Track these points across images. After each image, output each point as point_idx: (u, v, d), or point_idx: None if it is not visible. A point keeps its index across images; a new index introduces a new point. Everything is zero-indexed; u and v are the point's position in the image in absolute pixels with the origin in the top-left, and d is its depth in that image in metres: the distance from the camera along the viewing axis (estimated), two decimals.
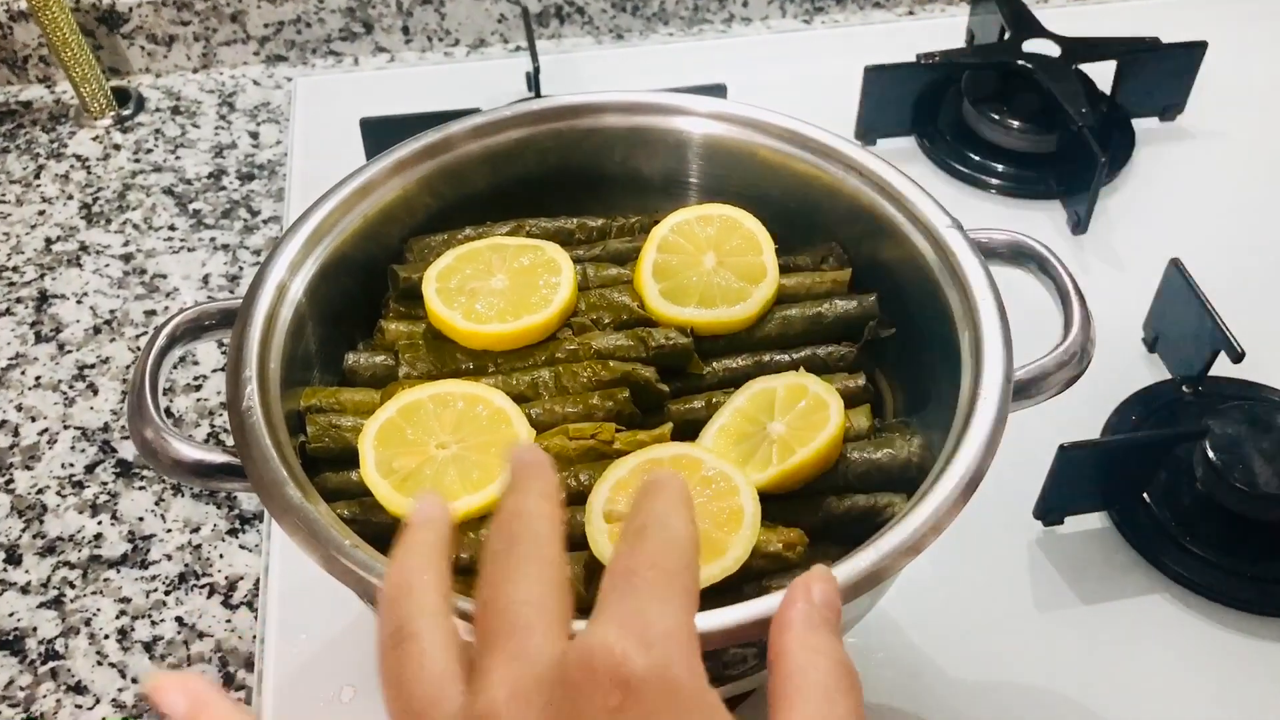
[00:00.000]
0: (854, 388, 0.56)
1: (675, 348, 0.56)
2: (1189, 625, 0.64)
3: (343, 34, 1.03)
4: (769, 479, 0.51)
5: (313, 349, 0.56)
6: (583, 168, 0.63)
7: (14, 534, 0.69)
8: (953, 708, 0.61)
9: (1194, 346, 0.72)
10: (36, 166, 0.93)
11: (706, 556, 0.46)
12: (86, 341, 0.80)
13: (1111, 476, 0.67)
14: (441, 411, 0.52)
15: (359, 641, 0.63)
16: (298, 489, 0.46)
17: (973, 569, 0.66)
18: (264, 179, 0.92)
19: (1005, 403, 0.48)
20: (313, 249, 0.55)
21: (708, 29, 1.07)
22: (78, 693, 0.62)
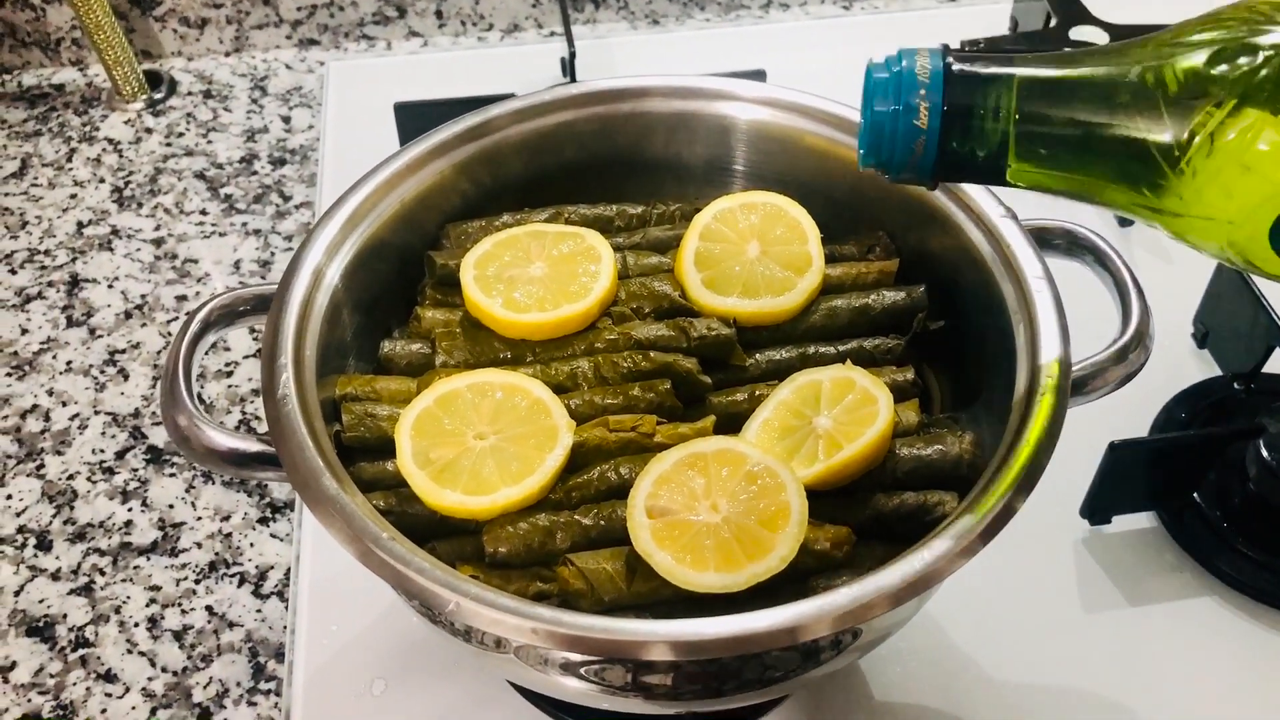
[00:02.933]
0: (902, 382, 0.54)
1: (718, 338, 0.55)
2: (1240, 629, 0.62)
3: (376, 18, 1.02)
4: (815, 475, 0.49)
5: (348, 336, 0.55)
6: (624, 153, 0.61)
7: (45, 520, 0.69)
8: (995, 710, 0.59)
9: (1247, 342, 0.70)
10: (68, 150, 0.93)
11: (752, 555, 0.45)
12: (117, 326, 0.79)
13: (1161, 475, 0.65)
14: (480, 401, 0.51)
15: (391, 633, 0.62)
16: (334, 479, 0.45)
17: (1017, 569, 0.64)
18: (296, 164, 0.91)
19: (1064, 400, 0.46)
20: (350, 233, 0.54)
21: (745, 15, 1.05)
22: (107, 681, 0.61)
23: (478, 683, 0.60)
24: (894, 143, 0.39)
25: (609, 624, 0.41)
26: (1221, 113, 0.35)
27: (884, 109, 0.39)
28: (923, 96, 0.38)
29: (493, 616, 0.41)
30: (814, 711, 0.59)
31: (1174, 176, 0.36)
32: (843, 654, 0.48)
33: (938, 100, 0.38)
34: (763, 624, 0.40)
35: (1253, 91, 0.35)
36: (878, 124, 0.39)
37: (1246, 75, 0.35)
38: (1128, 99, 0.37)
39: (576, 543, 0.49)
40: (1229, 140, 0.35)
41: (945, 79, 0.38)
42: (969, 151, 0.39)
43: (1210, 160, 0.36)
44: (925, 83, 0.38)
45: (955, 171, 0.40)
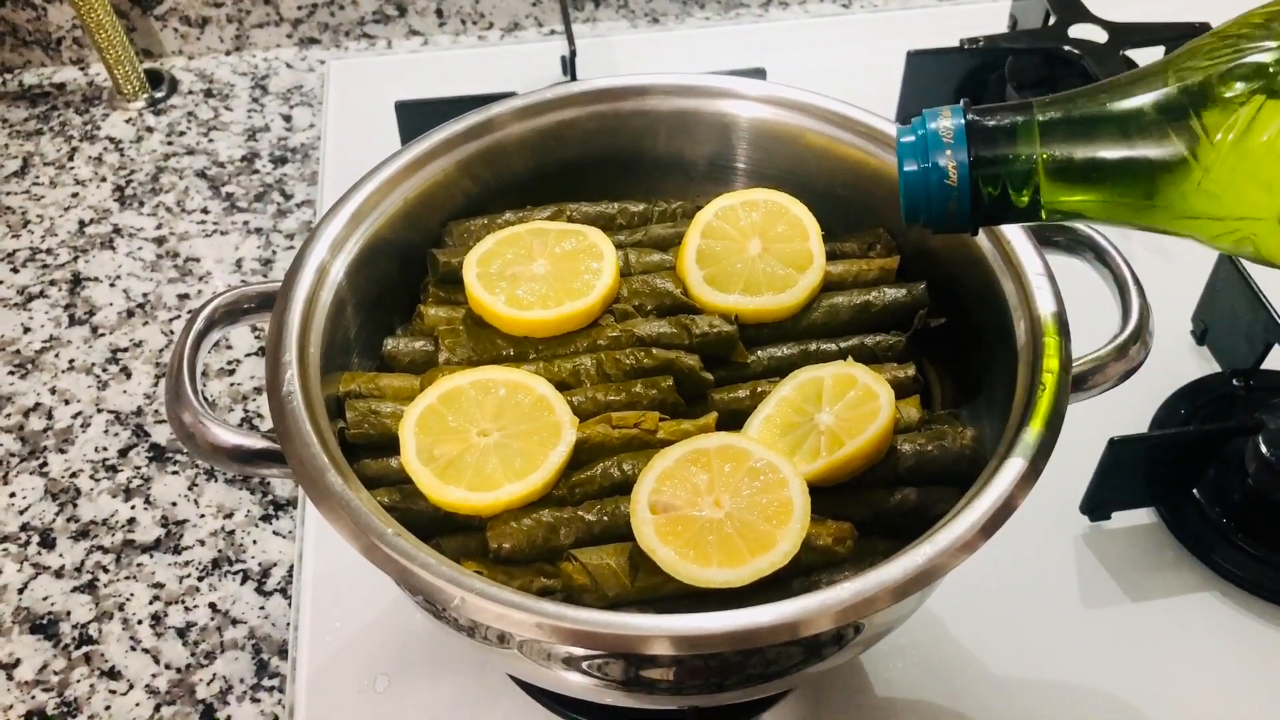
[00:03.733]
0: (904, 378, 0.55)
1: (719, 335, 0.55)
2: (1240, 624, 0.62)
3: (376, 17, 1.02)
4: (817, 471, 0.50)
5: (351, 333, 0.55)
6: (626, 151, 0.62)
7: (48, 517, 0.69)
8: (995, 706, 0.59)
9: (1246, 339, 0.70)
10: (70, 149, 0.93)
11: (755, 550, 0.45)
12: (120, 325, 0.79)
13: (1161, 471, 0.65)
14: (483, 398, 0.51)
15: (394, 630, 0.62)
16: (339, 476, 0.45)
17: (1017, 564, 0.64)
18: (297, 162, 0.91)
19: (1065, 395, 0.46)
20: (353, 230, 0.54)
21: (745, 13, 1.06)
22: (111, 678, 0.62)
23: (480, 678, 0.60)
24: (930, 202, 0.41)
25: (613, 619, 0.41)
26: (1253, 108, 0.36)
27: (914, 170, 0.41)
28: (949, 156, 0.40)
29: (498, 611, 0.41)
30: (816, 707, 0.59)
31: (1213, 181, 0.37)
32: (845, 649, 0.48)
33: (964, 158, 0.40)
34: (765, 619, 0.41)
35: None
36: (911, 186, 0.41)
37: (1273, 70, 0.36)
38: (1153, 118, 0.38)
39: (580, 538, 0.49)
40: (1265, 136, 0.36)
41: (968, 135, 0.40)
42: (1002, 199, 0.40)
43: (1248, 157, 0.36)
44: (949, 143, 0.40)
45: (993, 218, 0.42)
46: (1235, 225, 0.38)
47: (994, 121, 0.40)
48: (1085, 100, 0.40)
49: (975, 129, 0.40)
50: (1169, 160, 0.38)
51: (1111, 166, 0.39)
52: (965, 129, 0.40)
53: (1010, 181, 0.40)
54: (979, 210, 0.41)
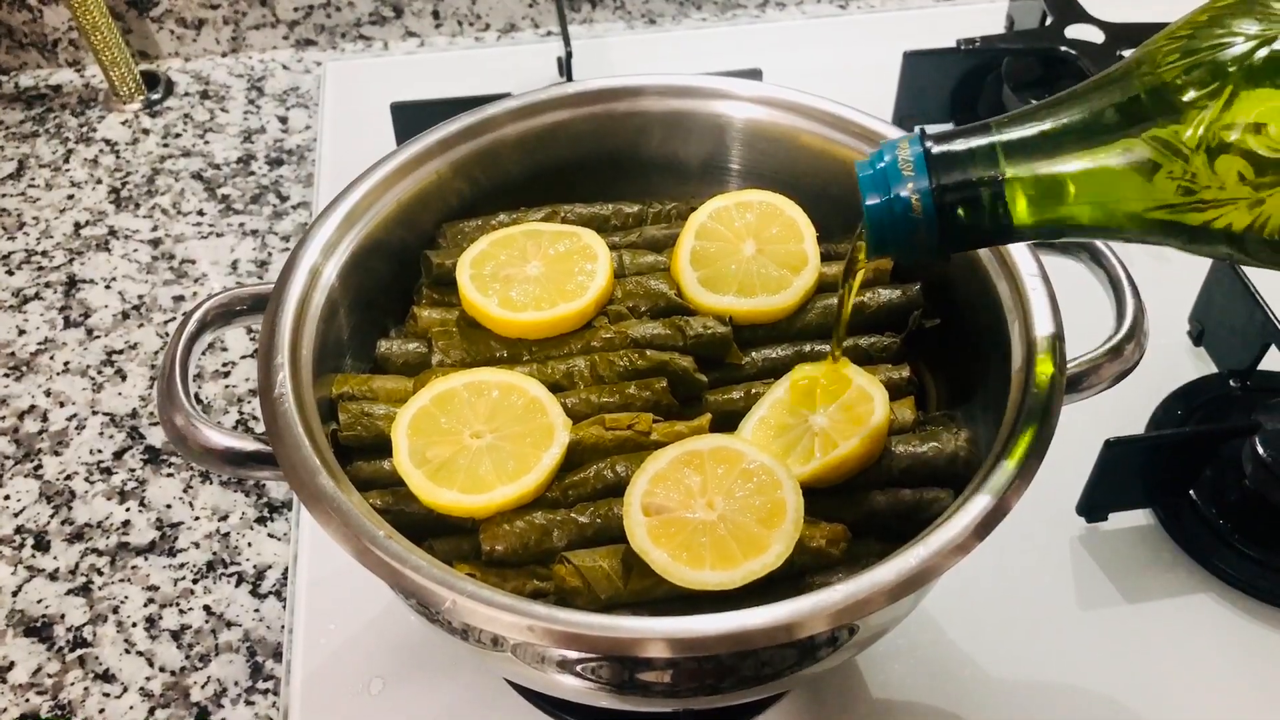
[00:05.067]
0: (898, 379, 0.54)
1: (714, 337, 0.55)
2: (1236, 626, 0.62)
3: (372, 18, 1.02)
4: (811, 472, 0.49)
5: (344, 335, 0.55)
6: (620, 152, 0.62)
7: (42, 520, 0.69)
8: (992, 707, 0.59)
9: (1243, 340, 0.70)
10: (65, 150, 0.93)
11: (748, 552, 0.45)
12: (115, 327, 0.79)
13: (1158, 473, 0.65)
14: (476, 400, 0.51)
15: (388, 633, 0.62)
16: (330, 478, 0.45)
17: (1014, 566, 0.64)
18: (293, 164, 0.91)
19: (1059, 397, 0.46)
20: (346, 232, 0.54)
21: (741, 14, 1.05)
22: (105, 681, 0.61)
23: (475, 681, 0.60)
24: (897, 234, 0.40)
25: (606, 621, 0.41)
26: (1217, 106, 0.35)
27: (877, 203, 0.39)
28: (911, 187, 0.39)
29: (489, 614, 0.41)
30: (811, 709, 0.59)
31: (1185, 181, 0.36)
32: (839, 651, 0.48)
33: (925, 186, 0.39)
34: (760, 621, 0.41)
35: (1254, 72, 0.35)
36: (876, 220, 0.40)
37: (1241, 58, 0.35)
38: (1116, 125, 0.37)
39: (573, 541, 0.49)
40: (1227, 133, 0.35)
41: (928, 164, 0.39)
42: (970, 224, 0.39)
43: (1214, 154, 0.36)
44: (910, 174, 0.39)
45: (964, 242, 0.41)
46: (1212, 220, 0.37)
47: (953, 146, 0.39)
48: (1045, 114, 0.39)
49: (934, 156, 0.39)
50: (1137, 166, 0.37)
51: (1078, 179, 0.38)
52: (924, 157, 0.39)
53: (977, 206, 0.39)
54: (948, 238, 0.40)
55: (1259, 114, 0.35)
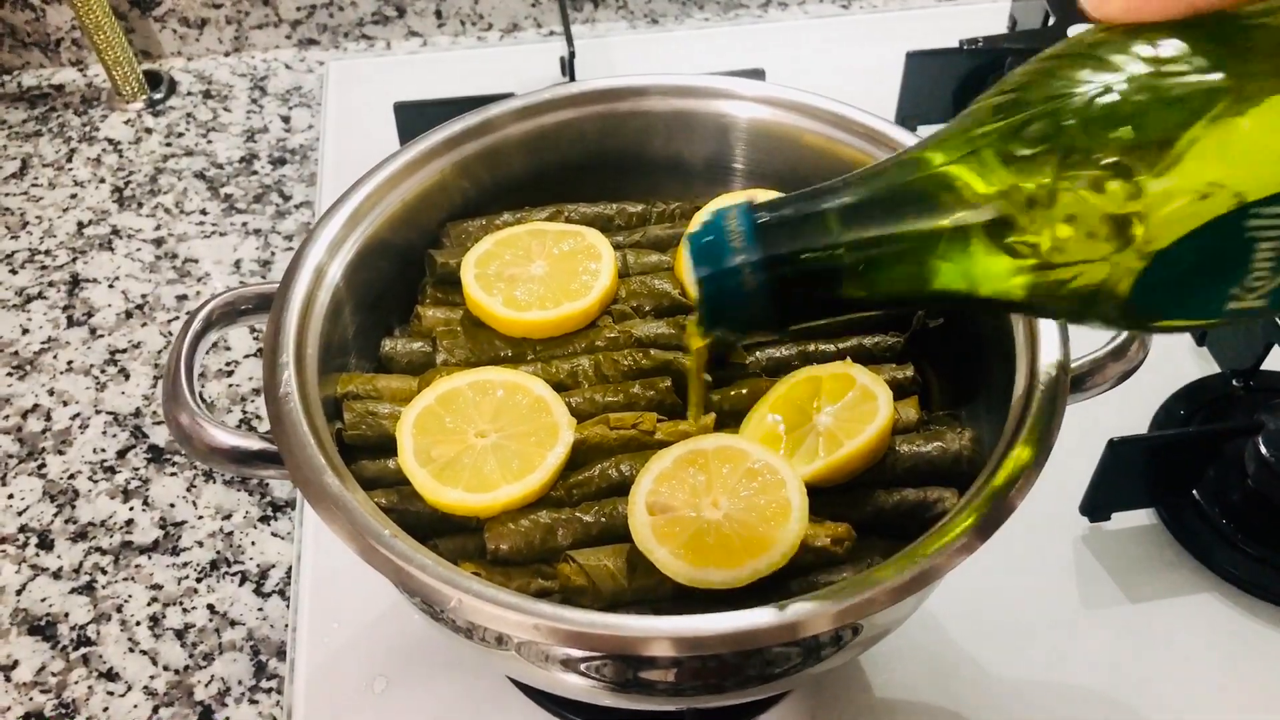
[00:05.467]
0: (902, 379, 0.54)
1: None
2: (1239, 625, 0.62)
3: (375, 18, 1.02)
4: (815, 471, 0.49)
5: (349, 335, 0.55)
6: (624, 152, 0.62)
7: (46, 519, 0.69)
8: (994, 706, 0.59)
9: (1246, 340, 0.70)
10: (68, 150, 0.93)
11: (753, 551, 0.45)
12: (118, 326, 0.79)
13: (1161, 472, 0.65)
14: (480, 399, 0.51)
15: (392, 631, 0.62)
16: (336, 477, 0.45)
17: (1017, 565, 0.64)
18: (296, 163, 0.91)
19: (1063, 396, 0.46)
20: (351, 231, 0.54)
21: (744, 14, 1.06)
22: (109, 679, 0.62)
23: (479, 680, 0.60)
24: (731, 309, 0.37)
25: (610, 620, 0.41)
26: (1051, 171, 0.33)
27: (708, 276, 0.37)
28: (741, 259, 0.36)
29: (494, 613, 0.41)
30: (814, 708, 0.59)
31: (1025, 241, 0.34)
32: (843, 650, 0.48)
33: (756, 258, 0.36)
34: (764, 620, 0.41)
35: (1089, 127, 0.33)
36: (709, 295, 0.37)
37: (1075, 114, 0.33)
38: (948, 184, 0.35)
39: (578, 539, 0.49)
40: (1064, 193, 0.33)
41: (757, 236, 0.36)
42: (808, 296, 0.37)
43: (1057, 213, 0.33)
44: (739, 245, 0.36)
45: (803, 314, 0.38)
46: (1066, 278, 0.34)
47: (783, 214, 0.37)
48: (878, 179, 0.36)
49: (764, 226, 0.36)
50: (970, 231, 0.35)
51: (919, 245, 0.35)
52: (753, 227, 0.36)
53: (810, 277, 0.36)
54: (785, 310, 0.37)
55: (1094, 173, 0.32)
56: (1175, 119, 0.32)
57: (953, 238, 0.35)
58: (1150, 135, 0.32)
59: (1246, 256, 0.33)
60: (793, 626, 0.41)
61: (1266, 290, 0.34)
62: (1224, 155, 0.32)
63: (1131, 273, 0.33)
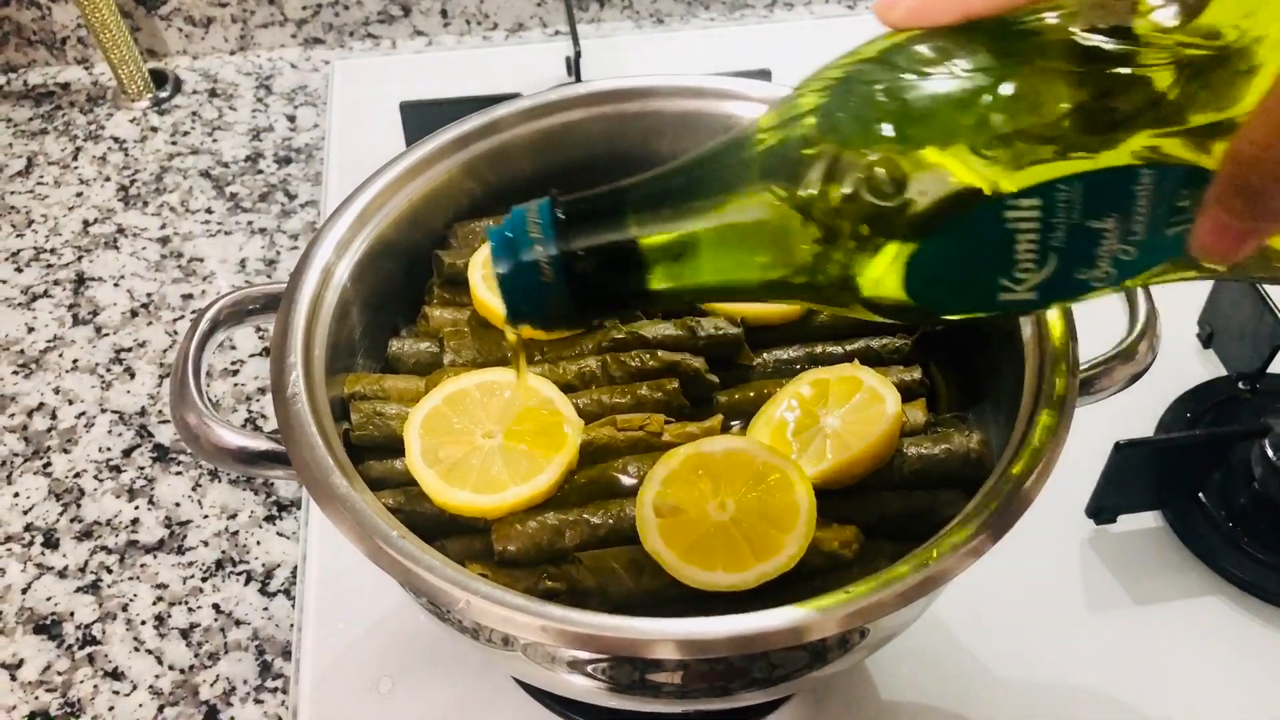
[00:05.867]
0: (910, 381, 0.54)
1: (725, 338, 0.55)
2: (1245, 628, 0.62)
3: (381, 17, 1.02)
4: (823, 474, 0.49)
5: (356, 335, 0.55)
6: (631, 153, 0.61)
7: (51, 517, 0.69)
8: (1000, 709, 0.59)
9: (1253, 343, 0.70)
10: (74, 148, 0.93)
11: (760, 554, 0.45)
12: (123, 325, 0.79)
13: (1167, 475, 0.65)
14: (488, 400, 0.51)
15: (398, 631, 0.62)
16: (344, 478, 0.45)
17: (1022, 568, 0.64)
18: (301, 162, 0.91)
19: (1072, 399, 0.46)
20: (359, 232, 0.54)
21: (749, 14, 1.05)
22: (115, 679, 0.62)
23: (485, 680, 0.60)
24: (530, 302, 0.38)
25: (617, 622, 0.41)
26: (827, 161, 0.34)
27: (507, 271, 0.37)
28: (540, 252, 0.37)
29: (503, 614, 0.41)
30: (820, 710, 0.59)
31: (809, 237, 0.35)
32: (850, 653, 0.48)
33: (554, 251, 0.37)
34: (771, 623, 0.40)
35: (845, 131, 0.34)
36: (508, 288, 0.38)
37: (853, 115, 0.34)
38: (741, 179, 0.36)
39: (585, 541, 0.49)
40: (848, 180, 0.34)
41: (555, 228, 0.37)
42: (606, 290, 0.38)
43: (833, 206, 0.35)
44: (537, 237, 0.37)
45: (602, 309, 0.39)
46: (841, 273, 0.35)
47: (581, 208, 0.37)
48: (675, 173, 0.37)
49: (562, 219, 0.37)
50: (762, 226, 0.35)
51: (706, 240, 0.36)
52: (552, 220, 0.37)
53: (608, 270, 0.37)
54: (584, 304, 0.38)
55: (859, 172, 0.33)
56: (936, 116, 0.33)
57: (738, 232, 0.36)
58: (911, 132, 0.33)
59: (1009, 249, 0.34)
60: (800, 630, 0.40)
61: (1034, 284, 0.35)
62: (978, 150, 0.33)
63: (901, 265, 0.35)
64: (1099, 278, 0.35)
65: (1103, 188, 0.33)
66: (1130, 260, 0.35)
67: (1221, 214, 0.32)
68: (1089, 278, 0.35)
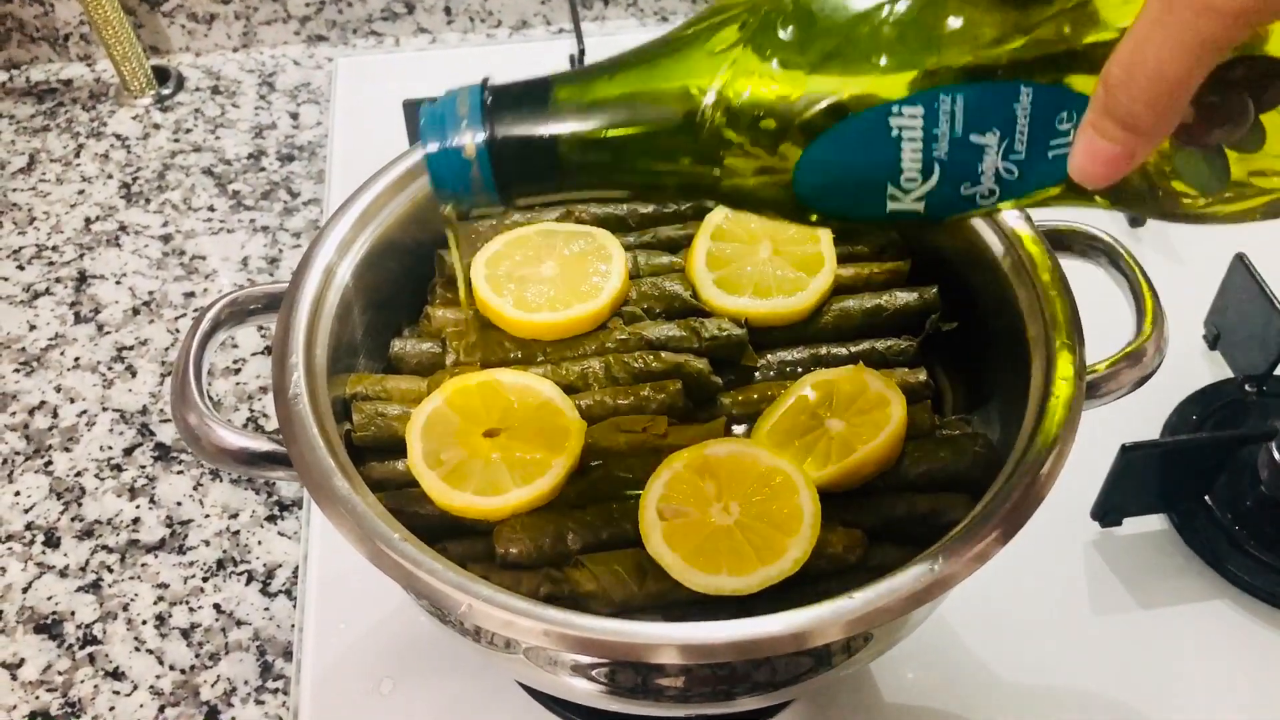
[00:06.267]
0: (915, 383, 0.54)
1: (729, 339, 0.55)
2: (1251, 632, 0.62)
3: (384, 14, 1.01)
4: (827, 477, 0.49)
5: (358, 335, 0.55)
6: None
7: (52, 516, 0.68)
8: (1004, 712, 0.59)
9: (1260, 345, 0.70)
10: (76, 145, 0.93)
11: (765, 557, 0.45)
12: (125, 323, 0.79)
13: (1173, 478, 0.65)
14: (490, 401, 0.50)
15: (399, 632, 0.62)
16: (345, 479, 0.44)
17: (1027, 570, 0.64)
18: (304, 160, 0.91)
19: (1079, 402, 0.46)
20: (361, 231, 0.54)
21: None
22: (115, 678, 0.61)
23: (486, 682, 0.60)
24: (455, 181, 0.40)
25: (620, 626, 0.41)
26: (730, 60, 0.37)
27: (435, 151, 0.39)
28: (466, 133, 0.38)
29: (504, 618, 0.40)
30: (823, 714, 0.59)
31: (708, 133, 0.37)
32: (854, 658, 0.48)
33: (480, 135, 0.38)
34: (774, 628, 0.40)
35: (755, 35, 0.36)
36: (434, 164, 0.39)
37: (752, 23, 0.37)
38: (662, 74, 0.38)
39: (588, 544, 0.48)
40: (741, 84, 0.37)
41: (482, 111, 0.38)
42: (524, 172, 0.40)
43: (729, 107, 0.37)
44: (464, 117, 0.38)
45: (522, 190, 0.41)
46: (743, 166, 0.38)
47: (509, 92, 0.39)
48: (605, 65, 0.39)
49: (490, 103, 0.39)
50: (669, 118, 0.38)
51: (625, 134, 0.39)
52: (480, 105, 0.39)
53: (528, 156, 0.39)
54: (505, 184, 0.40)
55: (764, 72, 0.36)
56: (833, 24, 0.36)
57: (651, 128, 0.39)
58: (807, 37, 0.36)
59: (894, 156, 0.36)
60: (804, 635, 0.40)
61: (919, 194, 0.37)
62: (868, 56, 0.35)
63: (793, 166, 0.37)
64: (984, 194, 0.37)
65: (985, 102, 0.35)
66: (1014, 180, 0.37)
67: (1095, 137, 0.33)
68: (974, 194, 0.37)
